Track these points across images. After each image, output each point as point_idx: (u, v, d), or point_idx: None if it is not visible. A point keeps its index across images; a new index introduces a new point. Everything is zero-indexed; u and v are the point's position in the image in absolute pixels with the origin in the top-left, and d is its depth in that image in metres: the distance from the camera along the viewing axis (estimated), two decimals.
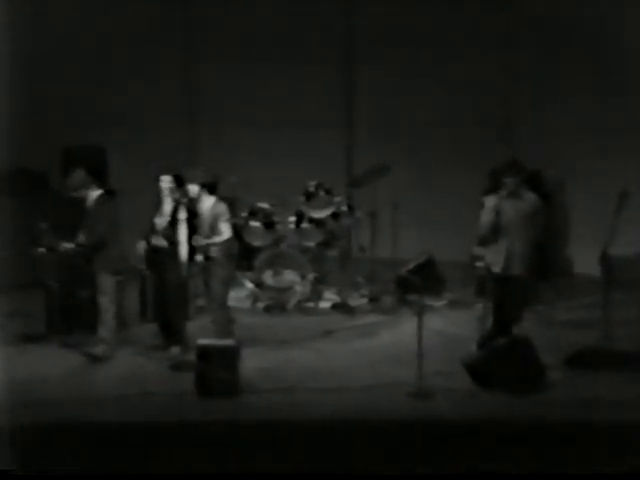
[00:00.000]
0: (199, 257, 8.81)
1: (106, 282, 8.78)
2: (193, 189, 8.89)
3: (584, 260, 10.80)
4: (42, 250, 8.92)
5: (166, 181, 9.02)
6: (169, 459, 7.17)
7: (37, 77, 11.47)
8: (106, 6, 11.83)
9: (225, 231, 8.89)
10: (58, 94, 11.76)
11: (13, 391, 7.84)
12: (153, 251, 9.08)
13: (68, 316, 9.27)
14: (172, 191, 8.96)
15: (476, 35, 11.95)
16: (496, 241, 8.64)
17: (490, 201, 8.74)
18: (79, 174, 8.86)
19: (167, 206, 9.04)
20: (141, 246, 9.13)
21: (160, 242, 8.98)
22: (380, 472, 7.02)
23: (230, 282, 9.13)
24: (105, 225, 8.73)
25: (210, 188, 8.98)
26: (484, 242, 8.74)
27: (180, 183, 8.95)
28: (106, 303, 8.79)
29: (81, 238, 8.79)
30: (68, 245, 8.75)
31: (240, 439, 7.32)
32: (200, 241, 8.78)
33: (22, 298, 10.19)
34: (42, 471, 6.95)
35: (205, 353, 8.08)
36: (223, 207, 8.96)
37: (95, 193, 8.87)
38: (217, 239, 8.83)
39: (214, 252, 8.81)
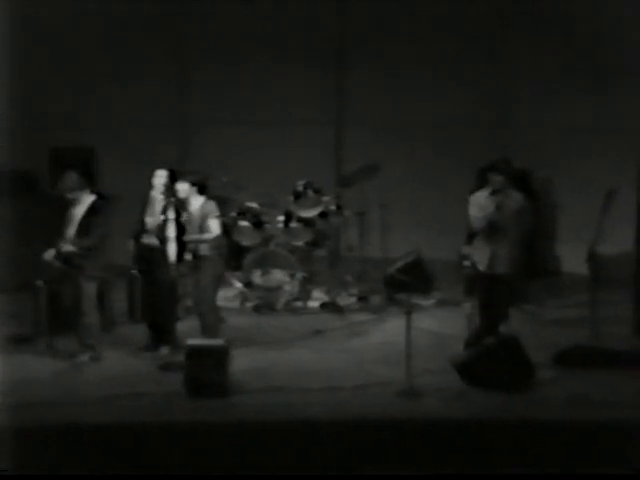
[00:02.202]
0: (188, 256, 8.79)
1: (90, 286, 8.75)
2: (183, 187, 8.87)
3: (572, 259, 10.85)
4: (51, 253, 8.80)
5: (162, 176, 8.98)
6: (158, 459, 7.16)
7: (30, 77, 11.45)
8: (102, 5, 11.80)
9: (214, 228, 8.88)
10: (50, 95, 11.74)
11: (1, 393, 7.82)
12: (144, 250, 9.06)
13: (56, 318, 9.24)
14: (166, 188, 8.91)
15: (474, 35, 11.96)
16: (483, 239, 8.66)
17: (476, 198, 8.76)
18: (71, 176, 8.81)
19: (158, 205, 9.01)
20: (131, 245, 9.12)
21: (152, 241, 8.96)
22: (370, 471, 7.04)
23: (219, 281, 9.13)
24: (100, 231, 8.70)
25: (200, 188, 8.97)
26: (472, 240, 8.77)
27: (174, 179, 8.93)
28: (89, 307, 8.77)
29: (75, 239, 8.73)
30: (70, 247, 8.69)
31: (230, 439, 7.32)
32: (190, 237, 8.76)
33: (10, 300, 10.16)
34: (33, 472, 6.94)
35: (194, 353, 8.07)
36: (212, 205, 8.95)
37: (89, 198, 8.81)
38: (207, 236, 8.82)
39: (203, 250, 8.80)
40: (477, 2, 11.94)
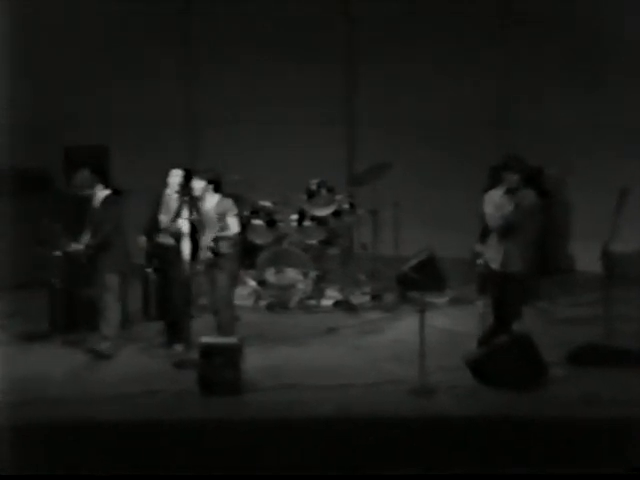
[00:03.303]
0: (207, 254, 8.79)
1: (111, 281, 8.83)
2: (199, 185, 8.89)
3: (586, 257, 10.83)
4: (58, 253, 8.97)
5: (177, 175, 9.02)
6: (171, 457, 7.20)
7: (37, 77, 11.50)
8: (106, 5, 11.84)
9: (234, 226, 8.90)
10: (59, 94, 11.78)
11: (17, 389, 7.88)
12: (158, 248, 9.10)
13: (72, 314, 9.30)
14: (181, 186, 8.96)
15: (475, 34, 11.95)
16: (497, 237, 8.67)
17: (490, 196, 8.76)
18: (84, 173, 8.92)
19: (173, 203, 9.05)
20: (142, 241, 9.16)
21: (167, 239, 9.00)
22: (381, 469, 7.06)
23: (235, 279, 9.15)
24: (111, 225, 8.78)
25: (216, 186, 8.99)
26: (485, 238, 8.77)
27: (189, 178, 8.97)
28: (111, 301, 8.84)
29: (87, 238, 8.83)
30: (78, 246, 8.79)
31: (243, 437, 7.35)
32: (211, 235, 8.76)
33: (25, 297, 10.22)
34: (44, 470, 6.98)
35: (208, 351, 8.10)
36: (230, 203, 8.96)
37: (102, 193, 8.91)
38: (228, 233, 8.83)
39: (223, 248, 8.81)
40: (477, 2, 11.93)
